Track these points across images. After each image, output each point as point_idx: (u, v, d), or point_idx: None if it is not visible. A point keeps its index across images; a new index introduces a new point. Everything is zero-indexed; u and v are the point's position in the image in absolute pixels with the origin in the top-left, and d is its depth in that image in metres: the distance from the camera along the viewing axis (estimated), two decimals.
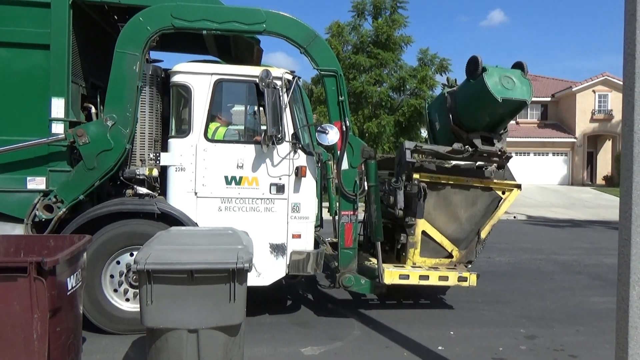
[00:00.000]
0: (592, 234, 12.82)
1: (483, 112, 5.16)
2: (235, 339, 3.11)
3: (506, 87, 4.98)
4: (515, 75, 5.13)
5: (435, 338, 4.62)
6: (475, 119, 5.24)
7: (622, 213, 2.68)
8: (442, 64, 19.75)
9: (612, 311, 3.13)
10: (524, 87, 5.09)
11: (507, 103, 5.01)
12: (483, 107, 5.10)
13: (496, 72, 5.06)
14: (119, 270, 4.49)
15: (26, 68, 4.38)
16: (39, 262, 2.81)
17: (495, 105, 4.99)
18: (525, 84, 5.12)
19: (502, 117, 5.28)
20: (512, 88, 5.01)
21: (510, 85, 5.00)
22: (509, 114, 5.32)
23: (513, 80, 5.06)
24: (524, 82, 5.13)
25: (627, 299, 2.62)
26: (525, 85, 5.10)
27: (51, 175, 4.42)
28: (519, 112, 5.37)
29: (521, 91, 5.06)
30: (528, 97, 5.08)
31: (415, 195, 5.22)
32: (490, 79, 4.97)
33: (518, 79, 5.10)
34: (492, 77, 4.99)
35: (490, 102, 4.96)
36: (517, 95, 5.02)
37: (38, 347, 2.86)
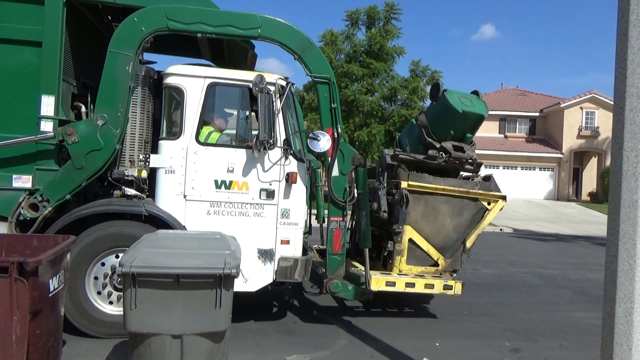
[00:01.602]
0: (577, 249, 12.95)
1: (449, 125, 5.69)
2: (220, 346, 3.06)
3: (465, 104, 5.61)
4: (472, 97, 5.80)
5: (420, 349, 4.60)
6: (444, 131, 5.72)
7: (609, 230, 2.70)
8: (433, 76, 19.96)
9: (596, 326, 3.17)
10: (480, 105, 5.73)
11: (466, 115, 5.57)
12: (448, 120, 5.66)
13: (455, 93, 5.72)
14: (103, 272, 4.41)
15: (17, 65, 4.32)
16: (21, 262, 2.74)
17: (457, 118, 5.56)
18: (481, 104, 5.78)
19: (464, 129, 5.75)
20: (470, 105, 5.64)
21: (468, 103, 5.65)
22: (470, 127, 5.78)
23: (470, 100, 5.72)
24: (480, 103, 5.79)
25: (612, 316, 2.64)
26: (481, 105, 5.76)
27: (38, 174, 4.35)
28: (478, 125, 5.86)
29: (479, 107, 5.70)
30: (484, 112, 5.71)
31: (398, 202, 5.27)
32: (451, 98, 5.59)
33: (474, 100, 5.77)
34: (452, 96, 5.62)
35: (453, 115, 5.54)
36: (475, 110, 5.63)
37: (16, 349, 2.79)
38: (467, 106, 5.58)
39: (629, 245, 2.60)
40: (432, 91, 6.02)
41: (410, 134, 6.23)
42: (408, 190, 5.32)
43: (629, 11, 2.63)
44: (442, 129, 5.72)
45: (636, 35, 2.62)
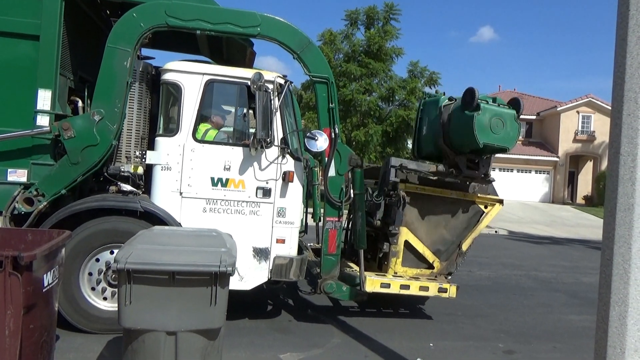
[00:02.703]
0: (571, 252, 13.01)
1: (467, 143, 5.16)
2: (214, 343, 3.06)
3: (493, 132, 4.96)
4: (509, 117, 5.06)
5: (414, 349, 4.61)
6: (462, 145, 5.26)
7: (605, 233, 2.71)
8: (431, 77, 20.00)
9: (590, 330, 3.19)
10: (510, 133, 5.05)
11: (488, 147, 5.06)
12: (468, 140, 5.09)
13: (489, 111, 4.99)
14: (97, 268, 4.40)
15: (13, 58, 4.30)
16: (16, 256, 2.72)
17: (476, 145, 5.00)
18: (514, 129, 5.08)
19: (482, 152, 5.32)
20: (499, 133, 4.98)
21: (498, 129, 4.98)
22: (490, 152, 5.37)
23: (503, 123, 5.01)
24: (514, 127, 5.08)
25: (606, 319, 2.65)
26: (513, 131, 5.07)
27: (33, 168, 4.33)
28: (500, 152, 5.38)
29: (506, 137, 5.04)
30: (511, 145, 5.09)
31: (395, 204, 5.26)
32: (481, 119, 4.92)
33: (509, 123, 5.05)
34: (483, 116, 4.93)
35: (473, 141, 4.97)
36: (499, 142, 5.02)
37: (9, 344, 2.77)
38: (493, 135, 4.93)
39: (624, 249, 2.61)
40: (466, 97, 5.03)
41: (433, 119, 5.58)
42: (405, 192, 5.32)
43: (628, 16, 2.64)
44: (460, 142, 5.24)
45: (635, 40, 2.63)
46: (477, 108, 4.90)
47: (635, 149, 2.60)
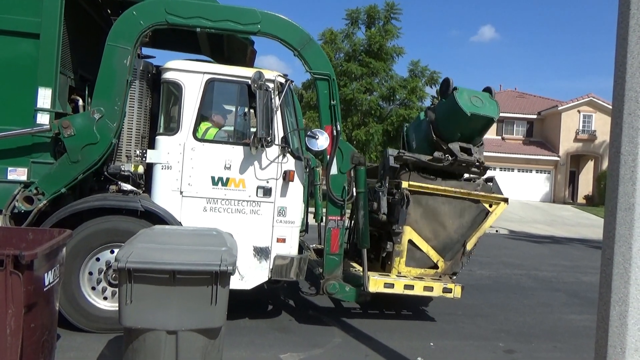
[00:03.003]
0: (572, 252, 13.00)
1: (456, 126, 5.50)
2: (215, 342, 3.06)
3: (475, 105, 5.34)
4: (484, 96, 5.49)
5: (415, 349, 4.61)
6: (451, 132, 5.55)
7: (605, 233, 2.71)
8: (432, 76, 19.98)
9: (590, 329, 3.18)
10: (491, 106, 5.45)
11: (475, 118, 5.34)
12: (456, 122, 5.45)
13: (466, 92, 5.42)
14: (98, 268, 4.40)
15: (14, 56, 4.29)
16: (17, 255, 2.72)
17: (465, 120, 5.33)
18: (493, 104, 5.48)
19: (472, 132, 5.59)
20: (481, 106, 5.38)
21: (478, 103, 5.38)
22: (479, 130, 5.63)
23: (481, 99, 5.43)
24: (492, 103, 5.49)
25: (607, 318, 2.65)
26: (493, 105, 5.47)
27: (33, 167, 4.33)
28: (487, 128, 5.70)
29: (489, 109, 5.43)
30: (495, 114, 5.45)
31: (399, 202, 5.23)
32: (461, 97, 5.33)
33: (486, 100, 5.46)
34: (462, 95, 5.36)
35: (461, 116, 5.30)
36: (484, 112, 5.37)
37: (11, 342, 2.77)
38: (476, 107, 5.35)
39: (625, 249, 2.61)
40: (442, 88, 5.69)
41: (418, 130, 6.05)
42: (409, 191, 5.29)
43: (629, 15, 2.64)
44: (450, 129, 5.55)
45: (635, 40, 2.62)
46: (454, 90, 5.40)
47: (635, 148, 2.60)
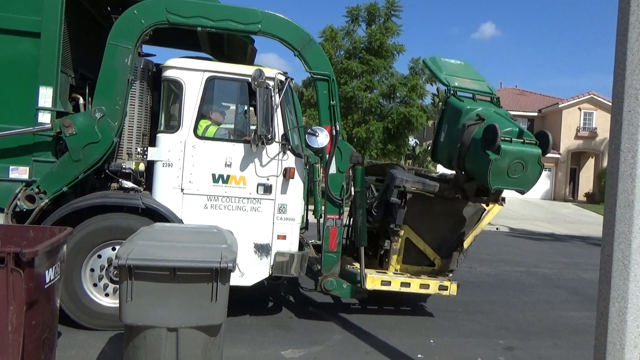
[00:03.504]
0: (572, 249, 13.01)
1: (479, 179, 4.88)
2: (215, 340, 3.07)
3: (509, 175, 4.58)
4: (531, 159, 4.59)
5: (415, 346, 4.63)
6: (474, 176, 4.99)
7: (605, 230, 2.72)
8: None
9: (590, 326, 3.19)
10: (530, 176, 4.67)
11: (500, 190, 4.94)
12: (480, 177, 4.79)
13: (509, 155, 4.49)
14: (99, 265, 4.41)
15: (15, 55, 4.29)
16: (18, 253, 2.73)
17: (487, 187, 4.74)
18: (535, 171, 4.66)
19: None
20: (516, 176, 4.61)
21: (517, 173, 4.59)
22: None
23: (523, 166, 4.59)
24: (534, 170, 4.65)
25: (606, 315, 2.66)
26: (533, 174, 4.67)
27: (35, 166, 4.34)
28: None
29: (523, 181, 4.68)
30: (528, 187, 4.74)
31: (398, 203, 5.20)
32: (499, 165, 4.51)
33: (531, 165, 4.61)
34: (502, 161, 4.49)
35: (485, 182, 4.68)
36: (514, 186, 4.71)
37: (12, 339, 2.79)
38: (508, 179, 4.57)
39: (624, 246, 2.62)
40: (488, 136, 4.54)
41: (453, 127, 5.15)
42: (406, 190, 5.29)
43: (629, 12, 2.64)
44: (473, 173, 4.95)
45: (635, 37, 2.63)
46: (497, 150, 4.45)
47: (635, 145, 2.60)
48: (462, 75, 5.54)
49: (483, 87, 5.55)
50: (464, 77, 5.54)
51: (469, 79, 5.57)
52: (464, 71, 5.66)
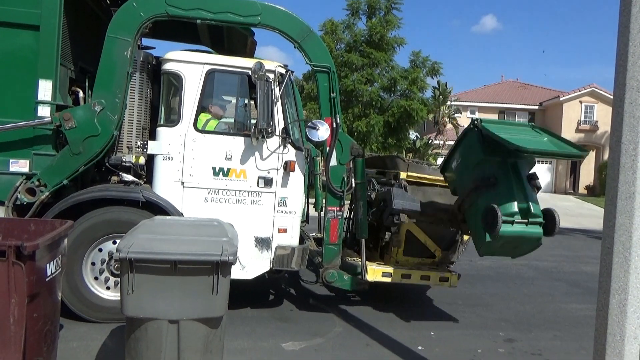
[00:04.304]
0: (573, 242, 13.02)
1: (472, 235, 4.81)
2: (216, 332, 3.08)
3: (501, 248, 4.55)
4: (530, 240, 4.43)
5: (415, 338, 4.64)
6: (469, 227, 4.84)
7: (606, 222, 2.72)
8: (433, 67, 19.91)
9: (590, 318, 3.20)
10: (522, 251, 4.64)
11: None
12: (473, 236, 4.75)
13: (507, 237, 4.26)
14: (100, 258, 4.42)
15: (14, 48, 4.28)
16: (19, 246, 2.74)
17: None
18: (528, 249, 4.58)
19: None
20: (508, 250, 4.62)
21: (510, 247, 4.55)
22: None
23: (518, 245, 4.53)
24: (529, 248, 4.59)
25: (606, 307, 2.66)
26: (526, 250, 4.61)
27: (35, 159, 4.34)
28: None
29: (513, 253, 4.68)
30: (515, 256, 4.69)
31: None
32: (493, 244, 4.38)
33: (527, 245, 4.51)
34: (498, 241, 4.29)
35: (476, 246, 4.63)
36: (502, 255, 4.69)
37: (14, 332, 2.80)
38: (499, 250, 4.53)
39: (625, 238, 2.62)
40: (487, 219, 4.26)
41: (461, 174, 4.87)
42: (407, 181, 5.30)
43: (631, 4, 2.63)
44: (469, 226, 4.80)
45: (638, 28, 2.61)
46: (495, 236, 4.19)
47: (636, 137, 2.60)
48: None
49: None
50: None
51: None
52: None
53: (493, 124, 4.79)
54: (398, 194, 5.04)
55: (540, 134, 4.65)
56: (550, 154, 4.88)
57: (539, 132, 4.72)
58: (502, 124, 5.31)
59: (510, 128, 4.74)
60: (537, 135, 4.65)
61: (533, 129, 4.81)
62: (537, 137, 4.59)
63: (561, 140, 4.64)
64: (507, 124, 5.44)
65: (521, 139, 4.27)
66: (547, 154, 4.89)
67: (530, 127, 4.90)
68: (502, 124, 5.38)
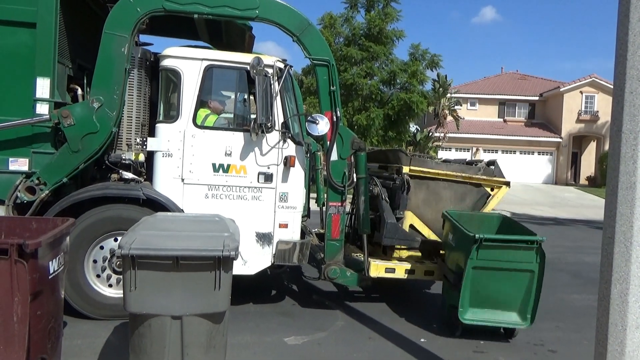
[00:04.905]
0: (574, 233, 13.02)
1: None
2: (219, 327, 3.09)
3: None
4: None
5: (417, 331, 4.66)
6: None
7: (606, 212, 2.71)
8: (433, 59, 19.84)
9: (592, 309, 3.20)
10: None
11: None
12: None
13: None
14: (102, 256, 4.43)
15: (11, 46, 4.27)
16: (21, 244, 2.74)
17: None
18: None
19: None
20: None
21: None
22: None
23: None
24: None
25: (608, 297, 2.66)
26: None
27: (34, 157, 4.33)
28: None
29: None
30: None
31: (399, 188, 5.20)
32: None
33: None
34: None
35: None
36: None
37: (18, 330, 2.81)
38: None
39: (626, 228, 2.61)
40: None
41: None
42: (409, 176, 5.27)
43: None
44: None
45: (637, 17, 2.59)
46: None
47: (637, 126, 2.58)
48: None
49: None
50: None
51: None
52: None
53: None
54: (389, 220, 4.99)
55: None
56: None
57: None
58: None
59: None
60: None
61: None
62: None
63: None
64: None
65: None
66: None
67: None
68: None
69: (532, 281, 4.33)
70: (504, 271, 4.33)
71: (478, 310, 4.40)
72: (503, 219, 5.14)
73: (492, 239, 4.31)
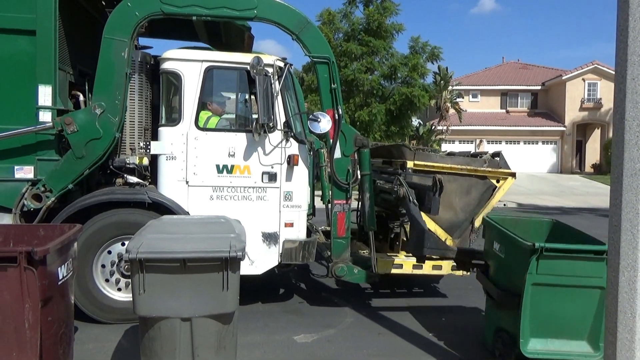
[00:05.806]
0: (581, 221, 12.95)
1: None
2: (229, 327, 3.11)
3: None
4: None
5: (427, 325, 4.66)
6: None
7: (612, 200, 2.70)
8: (433, 52, 19.75)
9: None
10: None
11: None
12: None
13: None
14: (110, 260, 4.46)
15: (11, 54, 4.28)
16: (29, 251, 2.77)
17: None
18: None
19: None
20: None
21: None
22: None
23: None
24: None
25: (616, 285, 2.65)
26: None
27: (39, 164, 4.36)
28: None
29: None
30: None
31: (430, 188, 4.73)
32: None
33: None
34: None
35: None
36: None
37: (30, 336, 2.84)
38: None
39: (632, 215, 2.60)
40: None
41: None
42: (414, 170, 5.23)
43: None
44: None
45: (638, 2, 2.57)
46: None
47: None
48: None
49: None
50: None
51: None
52: None
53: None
54: (429, 238, 4.61)
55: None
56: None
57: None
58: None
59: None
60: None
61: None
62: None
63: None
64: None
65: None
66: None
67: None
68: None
69: (602, 300, 3.37)
70: (570, 288, 3.55)
71: (542, 340, 3.62)
72: (554, 224, 4.42)
73: (556, 248, 3.54)
